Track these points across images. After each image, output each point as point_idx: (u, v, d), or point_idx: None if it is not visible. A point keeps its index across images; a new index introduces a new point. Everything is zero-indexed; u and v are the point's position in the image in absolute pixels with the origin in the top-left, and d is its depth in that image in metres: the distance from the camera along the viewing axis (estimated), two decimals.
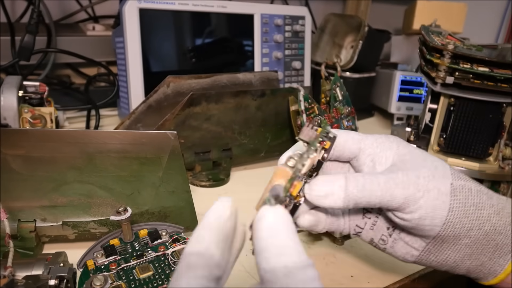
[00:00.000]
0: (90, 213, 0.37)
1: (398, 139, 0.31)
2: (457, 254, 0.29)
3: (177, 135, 0.37)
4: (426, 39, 0.50)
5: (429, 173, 0.28)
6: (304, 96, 0.56)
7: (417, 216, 0.27)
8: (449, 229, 0.27)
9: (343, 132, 0.31)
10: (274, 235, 0.19)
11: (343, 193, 0.27)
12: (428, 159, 0.29)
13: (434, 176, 0.28)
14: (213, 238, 0.19)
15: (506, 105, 0.49)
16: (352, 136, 0.31)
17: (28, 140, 0.35)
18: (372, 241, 0.32)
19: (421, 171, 0.28)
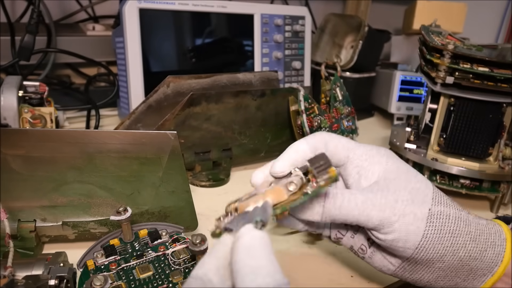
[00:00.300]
0: (90, 213, 0.37)
1: (389, 153, 0.31)
2: (431, 275, 0.30)
3: (177, 135, 0.37)
4: (426, 39, 0.50)
5: (408, 196, 0.28)
6: (304, 96, 0.56)
7: (390, 238, 0.28)
8: (422, 254, 0.28)
9: (336, 137, 0.31)
10: (250, 256, 0.19)
11: (321, 208, 0.28)
12: (413, 180, 0.29)
13: (413, 200, 0.28)
14: (213, 264, 0.20)
15: (506, 105, 0.49)
16: (343, 143, 0.31)
17: (28, 140, 0.35)
18: (352, 248, 0.33)
19: (401, 194, 0.28)
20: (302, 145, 0.30)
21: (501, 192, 0.51)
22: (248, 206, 0.24)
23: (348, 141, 0.31)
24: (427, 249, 0.28)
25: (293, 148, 0.30)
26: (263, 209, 0.23)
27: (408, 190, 0.28)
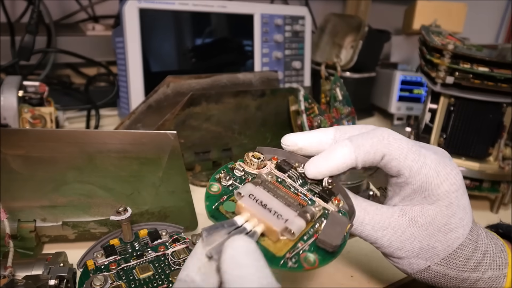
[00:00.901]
0: (90, 213, 0.37)
1: (452, 193, 0.26)
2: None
3: (177, 135, 0.37)
4: (426, 39, 0.50)
5: (416, 252, 0.28)
6: (304, 96, 0.56)
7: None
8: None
9: (399, 151, 0.25)
10: (236, 266, 0.19)
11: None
12: (434, 237, 0.27)
13: (417, 255, 0.28)
14: (194, 264, 0.21)
15: (506, 105, 0.49)
16: (408, 163, 0.25)
17: (28, 140, 0.35)
18: None
19: (413, 248, 0.28)
20: (348, 158, 0.26)
21: (501, 192, 0.51)
22: (240, 213, 0.23)
23: (415, 159, 0.25)
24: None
25: (336, 156, 0.26)
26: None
27: (420, 246, 0.27)
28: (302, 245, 0.23)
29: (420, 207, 0.27)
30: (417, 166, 0.25)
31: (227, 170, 0.27)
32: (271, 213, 0.23)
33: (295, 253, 0.22)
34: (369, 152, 0.25)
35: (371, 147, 0.25)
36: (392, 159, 0.25)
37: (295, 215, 0.23)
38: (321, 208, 0.25)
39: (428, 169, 0.26)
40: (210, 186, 0.25)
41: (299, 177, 0.27)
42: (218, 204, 0.24)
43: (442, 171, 0.26)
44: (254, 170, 0.27)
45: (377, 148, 0.25)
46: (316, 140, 0.27)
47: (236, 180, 0.26)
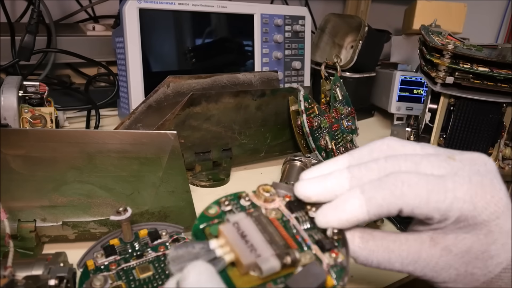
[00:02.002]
0: (90, 213, 0.37)
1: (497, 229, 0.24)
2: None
3: (177, 135, 0.37)
4: (426, 39, 0.50)
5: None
6: (304, 96, 0.56)
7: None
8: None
9: (427, 195, 0.23)
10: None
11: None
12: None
13: None
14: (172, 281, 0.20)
15: (506, 105, 0.49)
16: (438, 209, 0.23)
17: (28, 140, 0.35)
18: None
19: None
20: (359, 213, 0.24)
21: None
22: (218, 238, 0.23)
23: (440, 199, 0.23)
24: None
25: (347, 209, 0.24)
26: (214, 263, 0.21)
27: (463, 274, 0.25)
28: (271, 285, 0.21)
29: (454, 236, 0.24)
30: (446, 205, 0.23)
31: (234, 197, 0.26)
32: (246, 245, 0.22)
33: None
34: (382, 205, 0.23)
35: (383, 200, 0.23)
36: (413, 209, 0.23)
37: (271, 254, 0.22)
38: (312, 257, 0.23)
39: (462, 202, 0.23)
40: (208, 207, 0.25)
41: (308, 221, 0.25)
42: (207, 225, 0.24)
43: (480, 201, 0.23)
44: (260, 203, 0.26)
45: (390, 201, 0.23)
46: (330, 193, 0.25)
47: (238, 208, 0.26)
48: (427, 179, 0.23)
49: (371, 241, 0.25)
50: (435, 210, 0.23)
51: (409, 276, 0.38)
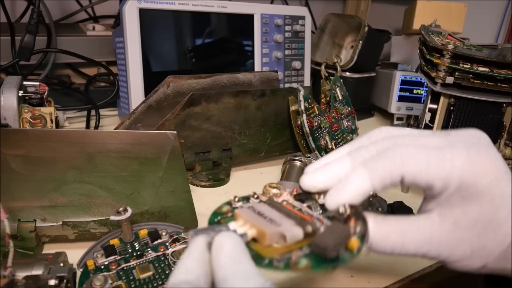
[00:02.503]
0: (90, 213, 0.37)
1: (490, 189, 0.24)
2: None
3: (177, 135, 0.37)
4: (426, 39, 0.50)
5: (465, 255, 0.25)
6: (304, 96, 0.56)
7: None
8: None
9: (415, 160, 0.24)
10: (237, 261, 0.19)
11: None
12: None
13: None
14: (202, 269, 0.20)
15: (506, 105, 0.49)
16: (438, 176, 0.24)
17: (28, 140, 0.35)
18: None
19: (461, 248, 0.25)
20: (364, 186, 0.24)
21: None
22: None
23: (440, 167, 0.23)
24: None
25: (352, 186, 0.24)
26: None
27: (476, 248, 0.25)
28: (297, 253, 0.21)
29: (460, 209, 0.24)
30: (446, 172, 0.23)
31: (243, 198, 0.27)
32: (266, 220, 0.22)
33: (286, 257, 0.21)
34: (384, 175, 0.24)
35: (385, 170, 0.24)
36: (414, 178, 0.24)
37: (293, 223, 0.22)
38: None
39: (461, 170, 0.23)
40: (220, 207, 0.25)
41: (319, 207, 0.26)
42: (221, 218, 0.24)
43: (479, 169, 0.24)
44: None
45: (391, 170, 0.24)
46: (335, 178, 0.26)
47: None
48: (425, 150, 0.24)
49: (385, 225, 0.25)
50: (436, 178, 0.23)
51: (409, 276, 0.38)
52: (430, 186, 0.24)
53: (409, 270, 0.39)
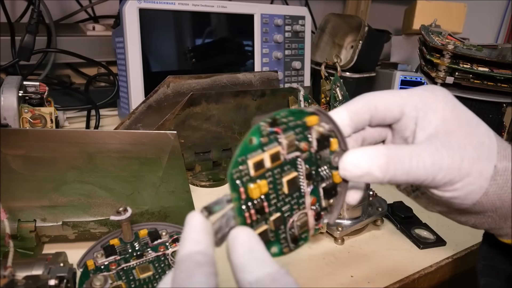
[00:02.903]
0: (90, 213, 0.37)
1: (446, 98, 0.27)
2: (478, 220, 0.29)
3: (177, 135, 0.37)
4: (426, 39, 0.50)
5: (474, 154, 0.26)
6: (304, 96, 0.56)
7: (448, 195, 0.26)
8: (477, 207, 0.27)
9: (383, 94, 0.28)
10: (252, 250, 0.20)
11: (382, 174, 0.25)
12: (476, 132, 0.27)
13: (479, 157, 0.26)
14: (209, 240, 0.21)
15: (506, 105, 0.49)
16: (393, 99, 0.28)
17: (28, 140, 0.35)
18: (400, 185, 0.31)
19: (467, 152, 0.26)
20: (340, 112, 0.27)
21: None
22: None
23: (398, 95, 0.28)
24: (484, 204, 0.27)
25: (332, 113, 0.27)
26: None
27: (473, 146, 0.26)
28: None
29: (436, 123, 0.27)
30: (406, 93, 0.27)
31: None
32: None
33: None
34: (357, 102, 0.27)
35: (357, 100, 0.27)
36: (376, 107, 0.27)
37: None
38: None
39: (417, 94, 0.28)
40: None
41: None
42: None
43: (425, 90, 0.28)
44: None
45: (361, 99, 0.27)
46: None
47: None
48: (385, 91, 0.28)
49: (384, 151, 0.26)
50: (399, 100, 0.27)
51: (409, 276, 0.38)
52: (390, 113, 0.27)
53: (409, 270, 0.39)
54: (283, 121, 0.24)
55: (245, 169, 0.23)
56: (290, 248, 0.24)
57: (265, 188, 0.23)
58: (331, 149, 0.26)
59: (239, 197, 0.22)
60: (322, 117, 0.26)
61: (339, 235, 0.42)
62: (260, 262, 0.20)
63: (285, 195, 0.24)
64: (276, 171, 0.24)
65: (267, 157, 0.23)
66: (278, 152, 0.24)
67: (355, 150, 0.26)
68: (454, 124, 0.27)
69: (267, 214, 0.23)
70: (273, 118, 0.24)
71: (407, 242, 0.44)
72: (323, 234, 0.44)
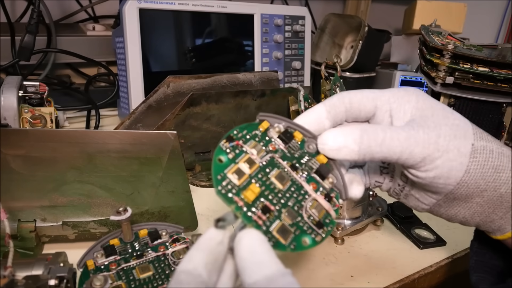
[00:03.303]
0: (90, 213, 0.37)
1: (417, 92, 0.29)
2: (467, 211, 0.29)
3: (177, 135, 0.37)
4: (426, 39, 0.50)
5: (450, 132, 0.27)
6: (304, 96, 0.56)
7: (431, 175, 0.27)
8: (462, 189, 0.27)
9: (357, 91, 0.30)
10: (252, 253, 0.21)
11: (357, 146, 0.26)
12: (450, 116, 0.28)
13: (455, 135, 0.27)
14: (201, 259, 0.21)
15: (506, 105, 0.49)
16: (366, 95, 0.29)
17: (28, 140, 0.35)
18: (389, 191, 0.33)
19: (442, 130, 0.27)
20: (318, 107, 0.29)
21: None
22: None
23: (371, 91, 0.30)
24: (468, 184, 0.27)
25: (309, 110, 0.29)
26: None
27: (449, 126, 0.27)
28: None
29: (411, 112, 0.28)
30: (379, 91, 0.30)
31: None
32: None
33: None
34: (333, 98, 0.29)
35: (333, 96, 0.29)
36: (350, 101, 0.29)
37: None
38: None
39: (389, 89, 0.30)
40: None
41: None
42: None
43: (397, 88, 0.30)
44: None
45: (337, 95, 0.29)
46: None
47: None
48: (360, 90, 0.30)
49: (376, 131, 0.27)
50: (368, 100, 0.29)
51: (409, 276, 0.38)
52: (365, 110, 0.29)
53: (409, 270, 0.39)
54: (238, 136, 0.26)
55: (229, 182, 0.24)
56: (320, 234, 0.25)
57: (256, 189, 0.24)
58: (297, 139, 0.28)
59: (239, 206, 0.23)
60: (270, 120, 0.28)
61: (339, 235, 0.42)
62: (258, 264, 0.20)
63: (283, 192, 0.25)
64: (260, 175, 0.25)
65: (242, 165, 0.25)
66: (250, 158, 0.25)
67: (332, 129, 0.27)
68: (429, 111, 0.28)
69: (276, 211, 0.24)
70: (228, 136, 0.26)
71: (407, 242, 0.44)
72: None
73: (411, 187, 0.30)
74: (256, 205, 0.24)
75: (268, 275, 0.20)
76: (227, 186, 0.24)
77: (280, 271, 0.20)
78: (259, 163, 0.25)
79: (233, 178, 0.24)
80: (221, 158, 0.24)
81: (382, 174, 0.32)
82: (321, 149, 0.27)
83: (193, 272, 0.20)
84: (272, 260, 0.21)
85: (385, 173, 0.32)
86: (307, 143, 0.28)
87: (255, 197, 0.24)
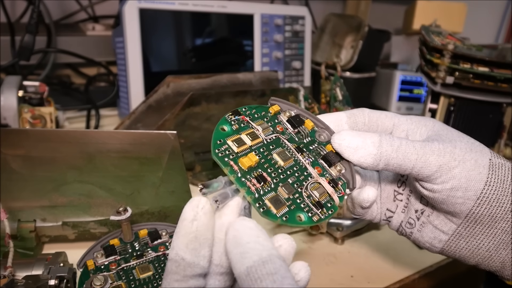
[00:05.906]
0: (90, 213, 0.37)
1: (435, 120, 0.30)
2: (492, 240, 0.26)
3: (177, 135, 0.37)
4: (426, 39, 0.50)
5: (466, 146, 0.26)
6: (304, 96, 0.56)
7: (449, 187, 0.25)
8: (484, 206, 0.25)
9: (376, 111, 0.30)
10: (236, 245, 0.20)
11: (375, 149, 0.25)
12: (466, 136, 0.28)
13: (471, 149, 0.26)
14: (180, 242, 0.21)
15: (506, 105, 0.49)
16: (385, 113, 0.30)
17: (28, 140, 0.35)
18: (400, 226, 0.30)
19: (458, 143, 0.26)
20: (339, 112, 0.30)
21: None
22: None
23: (391, 112, 0.30)
24: (490, 199, 0.25)
25: (328, 113, 0.29)
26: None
27: (464, 142, 0.27)
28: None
29: (427, 134, 0.29)
30: (398, 114, 0.30)
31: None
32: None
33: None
34: (353, 109, 0.30)
35: (355, 109, 0.30)
36: (375, 116, 0.30)
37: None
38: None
39: (407, 115, 0.30)
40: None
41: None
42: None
43: (416, 116, 0.31)
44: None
45: (358, 109, 0.30)
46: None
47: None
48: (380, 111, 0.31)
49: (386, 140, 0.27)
50: (387, 118, 0.30)
51: (409, 276, 0.38)
52: (392, 124, 0.30)
53: (409, 270, 0.39)
54: (246, 113, 0.26)
55: (228, 148, 0.23)
56: (318, 214, 0.23)
57: (254, 157, 0.23)
58: (306, 126, 0.27)
59: (233, 170, 0.23)
60: (282, 105, 0.28)
61: (339, 235, 0.42)
62: (240, 256, 0.20)
63: (284, 168, 0.25)
64: (262, 149, 0.25)
65: (244, 137, 0.24)
66: (254, 133, 0.25)
67: (351, 130, 0.28)
68: (444, 131, 0.28)
69: (272, 184, 0.23)
70: (235, 110, 0.25)
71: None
72: (323, 234, 0.44)
73: (431, 210, 0.28)
74: (252, 173, 0.23)
75: (248, 265, 0.19)
76: (225, 151, 0.23)
77: (263, 258, 0.19)
78: (263, 139, 0.25)
79: (232, 145, 0.23)
80: (224, 127, 0.24)
81: (395, 199, 0.30)
82: (337, 145, 0.26)
83: (175, 258, 0.21)
84: (256, 249, 0.20)
85: (399, 199, 0.30)
86: (318, 133, 0.27)
87: (252, 165, 0.23)
